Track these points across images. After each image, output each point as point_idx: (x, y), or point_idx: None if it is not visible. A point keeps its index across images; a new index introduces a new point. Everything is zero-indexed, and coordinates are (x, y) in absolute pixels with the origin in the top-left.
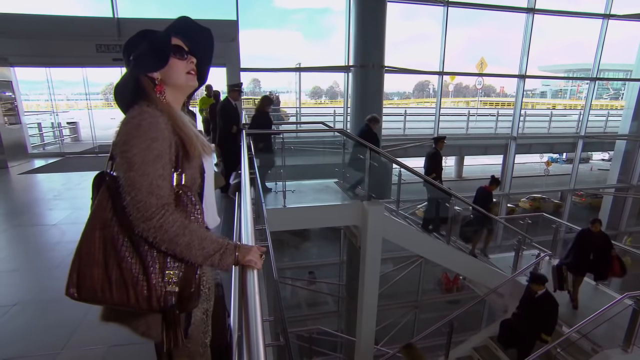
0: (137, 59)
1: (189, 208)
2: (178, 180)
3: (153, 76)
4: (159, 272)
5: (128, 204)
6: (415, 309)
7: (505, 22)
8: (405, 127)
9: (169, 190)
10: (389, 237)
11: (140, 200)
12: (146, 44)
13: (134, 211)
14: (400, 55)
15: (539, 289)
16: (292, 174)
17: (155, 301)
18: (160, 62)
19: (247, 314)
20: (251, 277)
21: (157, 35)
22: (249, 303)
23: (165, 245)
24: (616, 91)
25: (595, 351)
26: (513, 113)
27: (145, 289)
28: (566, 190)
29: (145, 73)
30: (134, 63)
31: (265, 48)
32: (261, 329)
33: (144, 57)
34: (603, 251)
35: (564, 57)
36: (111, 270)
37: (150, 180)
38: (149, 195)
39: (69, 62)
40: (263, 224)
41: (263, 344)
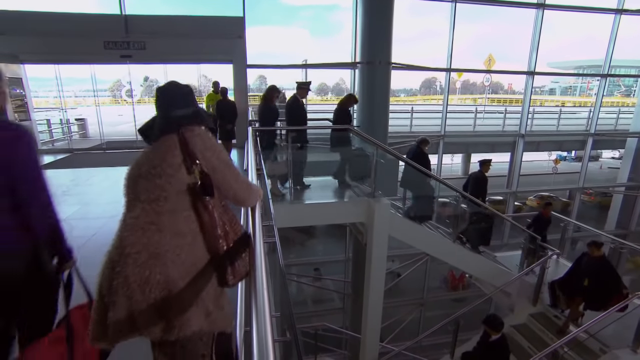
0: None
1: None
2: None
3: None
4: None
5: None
6: (421, 307)
7: (514, 18)
8: (412, 125)
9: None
10: (395, 234)
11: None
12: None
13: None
14: (408, 52)
15: (492, 334)
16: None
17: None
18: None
19: (257, 309)
20: (260, 272)
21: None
22: (258, 299)
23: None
24: (628, 88)
25: (604, 351)
26: (521, 110)
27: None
28: (575, 188)
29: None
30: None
31: (272, 45)
32: (270, 325)
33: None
34: (601, 279)
35: (574, 54)
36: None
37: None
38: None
39: (77, 59)
40: (270, 220)
41: (272, 340)
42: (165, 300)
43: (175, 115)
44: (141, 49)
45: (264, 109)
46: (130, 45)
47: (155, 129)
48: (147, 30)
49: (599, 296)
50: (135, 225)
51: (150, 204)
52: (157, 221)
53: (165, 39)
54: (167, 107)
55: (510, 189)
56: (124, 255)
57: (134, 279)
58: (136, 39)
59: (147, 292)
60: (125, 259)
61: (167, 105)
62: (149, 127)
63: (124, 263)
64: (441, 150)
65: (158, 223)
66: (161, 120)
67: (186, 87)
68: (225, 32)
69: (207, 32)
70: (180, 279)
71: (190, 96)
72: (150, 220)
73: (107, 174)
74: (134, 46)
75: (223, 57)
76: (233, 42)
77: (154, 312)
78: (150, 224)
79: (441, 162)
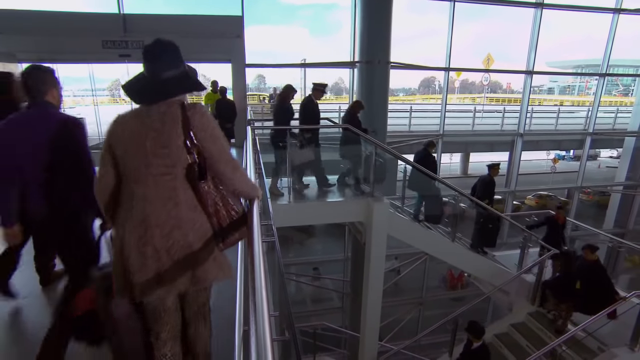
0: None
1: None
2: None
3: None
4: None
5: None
6: (420, 306)
7: (513, 18)
8: (410, 124)
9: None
10: (394, 233)
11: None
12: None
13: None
14: (407, 51)
15: (474, 341)
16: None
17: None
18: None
19: (255, 308)
20: (258, 272)
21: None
22: (257, 298)
23: (242, 183)
24: (626, 87)
25: (602, 350)
26: (520, 109)
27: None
28: (573, 187)
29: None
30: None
31: (271, 44)
32: (268, 324)
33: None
34: (593, 283)
35: (573, 53)
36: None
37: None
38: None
39: (75, 59)
40: (269, 220)
41: (270, 339)
42: (187, 259)
43: (166, 77)
44: (140, 48)
45: (280, 108)
46: (128, 44)
47: (148, 92)
48: (145, 30)
49: (589, 300)
50: (155, 200)
51: (162, 177)
52: (173, 195)
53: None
54: (155, 68)
55: (509, 188)
56: (151, 228)
57: (161, 247)
58: (135, 38)
59: (172, 254)
60: (152, 231)
61: (155, 67)
62: (137, 87)
63: (151, 235)
64: (440, 149)
65: (174, 197)
66: (152, 83)
67: (172, 45)
68: (224, 31)
69: (205, 32)
70: (197, 242)
71: (177, 54)
72: (167, 195)
73: None
74: (133, 45)
75: (222, 57)
76: (232, 42)
77: (180, 268)
78: (168, 199)
79: (440, 161)
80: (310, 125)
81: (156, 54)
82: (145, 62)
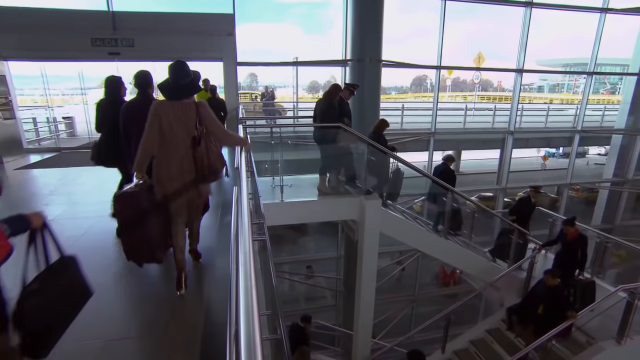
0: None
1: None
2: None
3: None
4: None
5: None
6: (412, 303)
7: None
8: (402, 122)
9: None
10: (387, 231)
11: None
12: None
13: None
14: (399, 50)
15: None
16: (290, 169)
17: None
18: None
19: (245, 307)
20: (248, 270)
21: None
22: (246, 297)
23: (231, 141)
24: (613, 85)
25: (590, 343)
26: (510, 107)
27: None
28: (563, 184)
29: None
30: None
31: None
32: (258, 323)
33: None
34: (556, 307)
35: (562, 52)
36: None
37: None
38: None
39: (63, 56)
40: (261, 219)
41: (260, 338)
42: (193, 181)
43: (182, 84)
44: (129, 46)
45: (327, 105)
46: (118, 42)
47: (172, 92)
48: (135, 27)
49: (551, 324)
50: (177, 151)
51: (183, 140)
52: (187, 149)
53: (154, 37)
54: (175, 79)
55: (500, 185)
56: (177, 163)
57: (181, 173)
58: (124, 36)
59: (185, 178)
60: (178, 164)
61: (176, 77)
62: (164, 87)
63: (177, 167)
64: (432, 147)
65: (187, 150)
66: (173, 87)
67: (182, 62)
68: (215, 29)
69: (196, 30)
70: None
71: (187, 68)
72: (185, 149)
73: (95, 173)
74: (122, 43)
75: (213, 55)
76: (223, 40)
77: (190, 186)
78: (185, 151)
79: (432, 159)
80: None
81: (176, 69)
82: (170, 73)
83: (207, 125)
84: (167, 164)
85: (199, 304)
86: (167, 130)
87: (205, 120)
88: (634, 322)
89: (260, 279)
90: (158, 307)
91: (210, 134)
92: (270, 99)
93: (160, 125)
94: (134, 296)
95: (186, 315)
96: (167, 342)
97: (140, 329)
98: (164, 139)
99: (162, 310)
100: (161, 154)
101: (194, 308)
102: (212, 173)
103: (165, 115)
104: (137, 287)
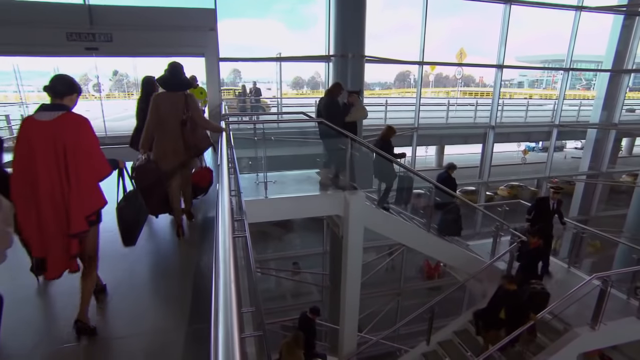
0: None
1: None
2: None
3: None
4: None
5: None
6: (397, 297)
7: (485, 13)
8: (386, 117)
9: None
10: (371, 226)
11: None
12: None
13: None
14: (383, 45)
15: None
16: (274, 165)
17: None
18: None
19: (224, 304)
20: (227, 267)
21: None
22: (226, 294)
23: (210, 128)
24: (588, 81)
25: (567, 330)
26: (491, 102)
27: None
28: (542, 177)
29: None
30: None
31: (248, 38)
32: (237, 320)
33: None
34: (516, 311)
35: (541, 49)
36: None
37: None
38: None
39: (36, 51)
40: (243, 215)
41: (238, 335)
42: (185, 156)
43: (180, 79)
44: (108, 41)
45: (329, 103)
46: (95, 37)
47: (171, 85)
48: (113, 22)
49: (513, 328)
50: (172, 132)
51: (175, 124)
52: (177, 131)
53: (133, 31)
54: (175, 74)
55: (482, 179)
56: (171, 143)
57: (174, 149)
58: (102, 31)
59: (179, 154)
60: (173, 144)
61: (176, 74)
62: (165, 80)
63: (172, 145)
64: (415, 142)
65: (179, 132)
66: (173, 81)
67: (177, 63)
68: (197, 24)
69: (177, 25)
70: (185, 151)
71: (180, 68)
72: (177, 131)
73: None
74: (100, 38)
75: (194, 50)
76: (205, 35)
77: (182, 160)
78: (177, 132)
79: (415, 154)
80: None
81: (176, 67)
82: (170, 70)
83: (192, 112)
84: (163, 143)
85: (189, 259)
86: (163, 115)
87: (191, 107)
88: (607, 309)
89: (245, 275)
90: (159, 262)
91: (195, 119)
92: (256, 95)
93: (158, 112)
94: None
95: (182, 267)
96: (163, 291)
97: (142, 280)
98: (161, 123)
99: (161, 265)
100: (158, 135)
101: (187, 260)
102: (198, 150)
103: (162, 104)
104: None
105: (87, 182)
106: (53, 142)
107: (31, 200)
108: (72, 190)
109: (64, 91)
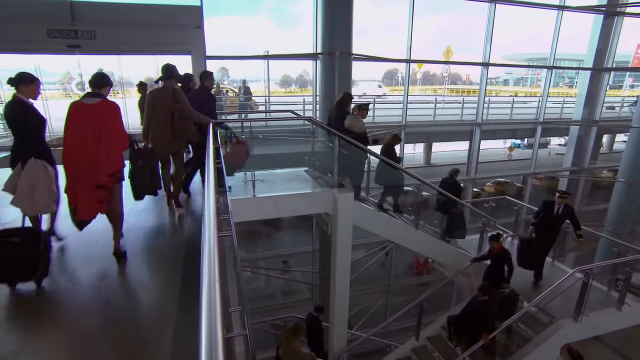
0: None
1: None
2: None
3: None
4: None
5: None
6: (387, 293)
7: (472, 12)
8: (374, 115)
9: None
10: (359, 223)
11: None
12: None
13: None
14: (371, 43)
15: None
16: (262, 163)
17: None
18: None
19: (207, 303)
20: (211, 266)
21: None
22: (209, 293)
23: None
24: (570, 79)
25: (551, 322)
26: (478, 100)
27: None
28: (527, 174)
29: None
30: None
31: (236, 36)
32: (220, 320)
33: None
34: (484, 321)
35: (526, 47)
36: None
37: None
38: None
39: (15, 48)
40: (229, 214)
41: (222, 335)
42: (175, 140)
43: (170, 76)
44: (91, 38)
45: (339, 115)
46: (78, 34)
47: (166, 78)
48: (96, 19)
49: (479, 336)
50: (163, 121)
51: (165, 115)
52: (168, 121)
53: (117, 29)
54: (169, 68)
55: (469, 176)
56: (162, 132)
57: (165, 136)
58: (84, 28)
59: (168, 140)
60: (164, 133)
61: (166, 71)
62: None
63: (162, 134)
64: (403, 139)
65: (169, 121)
66: (165, 76)
67: (169, 64)
68: (183, 22)
69: (163, 22)
70: (175, 137)
71: (171, 65)
72: (168, 122)
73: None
74: (83, 35)
75: (181, 48)
76: (191, 33)
77: (172, 145)
78: (167, 122)
79: (403, 152)
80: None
81: (170, 66)
82: (167, 66)
83: (180, 104)
84: (155, 132)
85: (180, 235)
86: (156, 108)
87: (179, 100)
88: (589, 301)
89: (233, 275)
90: (154, 238)
91: (182, 110)
92: (245, 94)
93: (152, 105)
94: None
95: (172, 242)
96: (158, 260)
97: (136, 250)
98: (155, 114)
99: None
100: (153, 125)
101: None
102: (185, 139)
103: (155, 97)
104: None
105: (115, 148)
106: (94, 120)
107: (74, 161)
108: (103, 153)
109: (101, 84)
